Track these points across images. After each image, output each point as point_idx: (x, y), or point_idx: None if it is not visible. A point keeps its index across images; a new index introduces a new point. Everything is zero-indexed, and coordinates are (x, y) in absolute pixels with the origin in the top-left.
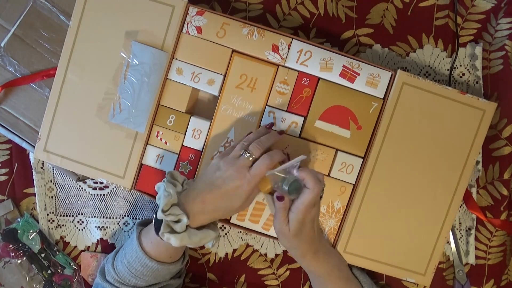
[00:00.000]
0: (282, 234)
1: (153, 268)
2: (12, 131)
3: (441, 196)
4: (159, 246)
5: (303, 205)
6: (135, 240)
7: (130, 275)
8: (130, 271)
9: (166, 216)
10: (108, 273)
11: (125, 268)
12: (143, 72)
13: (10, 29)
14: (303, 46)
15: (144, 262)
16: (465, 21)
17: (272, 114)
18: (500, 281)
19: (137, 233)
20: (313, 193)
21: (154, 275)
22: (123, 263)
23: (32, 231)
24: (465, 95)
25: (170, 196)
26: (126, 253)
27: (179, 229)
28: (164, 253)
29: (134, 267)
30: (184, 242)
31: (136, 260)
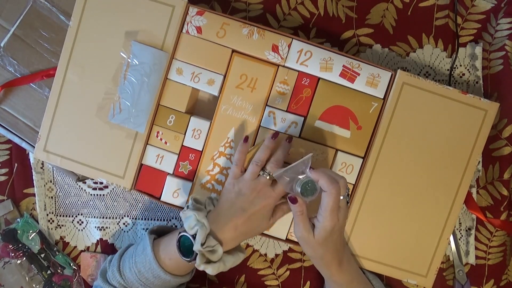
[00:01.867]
0: (305, 242)
1: (166, 280)
2: (12, 131)
3: (443, 197)
4: (178, 263)
5: (327, 211)
6: (149, 251)
7: (139, 283)
8: (140, 280)
9: (204, 249)
10: (113, 277)
11: (135, 276)
12: (143, 72)
13: (10, 29)
14: (303, 46)
15: (158, 274)
16: (465, 21)
17: (272, 114)
18: (500, 281)
19: (150, 243)
20: (332, 195)
21: (165, 285)
22: (132, 270)
23: (32, 231)
24: (466, 95)
25: (205, 228)
26: (137, 262)
27: (215, 258)
28: (180, 269)
29: (145, 276)
30: (220, 270)
31: (149, 271)
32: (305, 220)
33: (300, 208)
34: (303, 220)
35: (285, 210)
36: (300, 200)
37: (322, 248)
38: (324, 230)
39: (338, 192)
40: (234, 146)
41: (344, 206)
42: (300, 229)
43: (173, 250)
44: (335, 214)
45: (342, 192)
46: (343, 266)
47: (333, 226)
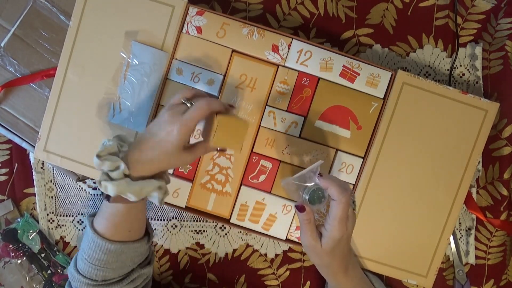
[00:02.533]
0: (312, 250)
1: (117, 251)
2: (12, 131)
3: (443, 197)
4: (113, 220)
5: (336, 220)
6: (88, 228)
7: (95, 269)
8: (93, 264)
9: (102, 162)
10: (73, 278)
11: (87, 263)
12: (143, 72)
13: (10, 29)
14: (303, 46)
15: (105, 247)
16: (465, 21)
17: (272, 114)
18: (500, 281)
19: (89, 222)
20: (341, 204)
21: (120, 259)
22: (83, 259)
23: (32, 231)
24: (466, 95)
25: (109, 145)
26: (83, 248)
27: (116, 176)
28: (121, 227)
29: (96, 257)
30: (122, 189)
31: (96, 249)
32: (312, 229)
33: (308, 216)
34: (311, 229)
35: (207, 148)
36: (307, 208)
37: (329, 256)
38: (332, 240)
39: (348, 202)
40: None
41: (352, 215)
42: (307, 238)
43: (102, 207)
44: (344, 224)
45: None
46: (349, 272)
47: (342, 236)
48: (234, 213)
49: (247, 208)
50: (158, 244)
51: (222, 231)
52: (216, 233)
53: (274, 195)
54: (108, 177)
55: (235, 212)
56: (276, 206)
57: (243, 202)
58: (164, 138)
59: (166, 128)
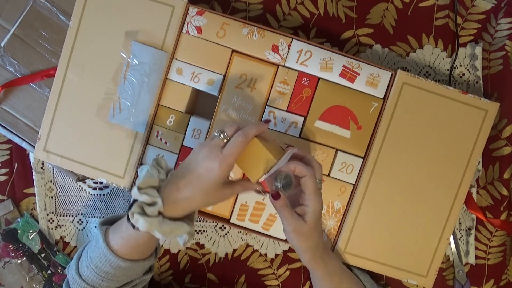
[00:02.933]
0: (299, 232)
1: (126, 268)
2: (12, 131)
3: (443, 197)
4: (130, 241)
5: (312, 193)
6: (101, 241)
7: (100, 279)
8: (100, 276)
9: (141, 194)
10: (73, 281)
11: (94, 273)
12: (143, 72)
13: (10, 29)
14: (303, 46)
15: (115, 263)
16: (465, 21)
17: (272, 114)
18: (500, 281)
19: (102, 233)
20: (311, 177)
21: (128, 274)
22: (90, 268)
23: (32, 231)
24: (466, 95)
25: (152, 177)
26: (92, 257)
27: (151, 212)
28: (136, 250)
29: (104, 270)
30: (153, 228)
31: (105, 263)
32: (291, 212)
33: (284, 201)
34: (290, 212)
35: (246, 186)
36: (282, 194)
37: (316, 232)
38: (315, 212)
39: (314, 175)
40: None
41: (320, 188)
42: (290, 221)
43: (122, 225)
44: (320, 194)
45: (319, 176)
46: (330, 253)
47: (321, 206)
48: (234, 213)
49: (247, 208)
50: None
51: (222, 231)
52: (216, 233)
53: None
54: (141, 209)
55: (235, 212)
56: None
57: (243, 202)
58: (204, 175)
59: (205, 165)
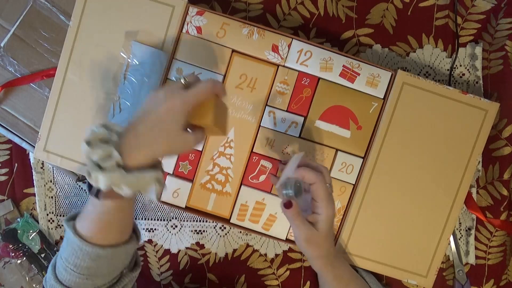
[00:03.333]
0: (311, 241)
1: (107, 256)
2: (12, 131)
3: (443, 197)
4: (101, 220)
5: (324, 200)
6: (71, 235)
7: (83, 279)
8: (81, 274)
9: (93, 150)
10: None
11: (73, 273)
12: (143, 72)
13: (10, 29)
14: (303, 46)
15: (94, 254)
16: (465, 21)
17: (272, 114)
18: (500, 281)
19: (71, 228)
20: (321, 183)
21: (112, 264)
22: (68, 270)
23: (32, 231)
24: (466, 95)
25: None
26: (67, 257)
27: (109, 166)
28: (111, 228)
29: (84, 266)
30: (116, 181)
31: (84, 257)
32: (304, 220)
33: (296, 209)
34: (303, 220)
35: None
36: (294, 202)
37: (327, 241)
38: (327, 220)
39: (324, 181)
40: (234, 146)
41: (331, 192)
42: (302, 230)
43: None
44: (332, 200)
45: (328, 180)
46: (340, 258)
47: (334, 212)
48: (234, 213)
49: (247, 208)
50: (158, 244)
51: (222, 231)
52: (216, 233)
53: (274, 195)
54: (99, 167)
55: (235, 212)
56: (276, 206)
57: (243, 202)
58: (164, 116)
59: (166, 105)
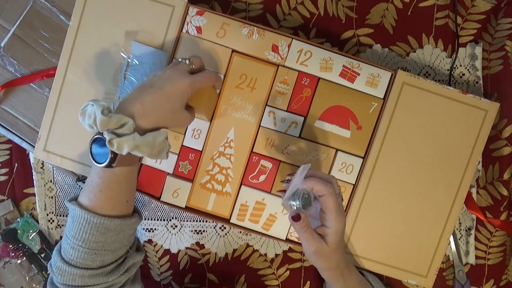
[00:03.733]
0: (320, 254)
1: (116, 229)
2: (12, 131)
3: (443, 197)
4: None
5: (333, 212)
6: (78, 210)
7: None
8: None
9: (109, 119)
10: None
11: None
12: (143, 72)
13: (10, 29)
14: (303, 46)
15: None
16: (465, 21)
17: (272, 114)
18: (500, 281)
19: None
20: (331, 196)
21: (119, 238)
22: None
23: (32, 231)
24: (466, 95)
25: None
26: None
27: (127, 131)
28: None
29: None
30: (138, 143)
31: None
32: (313, 233)
33: (305, 222)
34: (311, 234)
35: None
36: (303, 215)
37: (336, 254)
38: (337, 233)
39: (334, 192)
40: (234, 146)
41: (341, 203)
42: (311, 243)
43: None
44: (342, 213)
45: (338, 190)
46: (350, 268)
47: (344, 225)
48: (234, 213)
49: (247, 208)
50: (158, 244)
51: (222, 231)
52: (216, 233)
53: (274, 195)
54: (115, 135)
55: (235, 212)
56: (276, 206)
57: (243, 202)
58: (171, 92)
59: (174, 83)
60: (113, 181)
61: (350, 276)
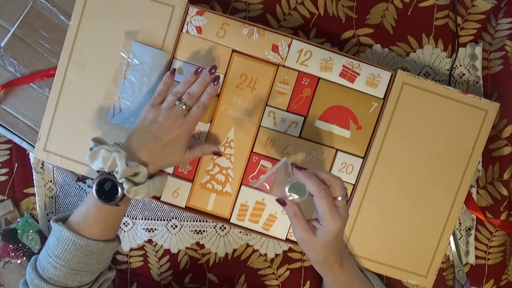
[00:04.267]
0: (307, 243)
1: (98, 251)
2: (12, 131)
3: (443, 197)
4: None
5: (326, 214)
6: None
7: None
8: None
9: (128, 170)
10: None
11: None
12: (143, 72)
13: (10, 29)
14: (303, 46)
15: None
16: (465, 21)
17: (272, 114)
18: (500, 281)
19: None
20: (322, 198)
21: (99, 260)
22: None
23: (32, 231)
24: (466, 95)
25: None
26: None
27: (142, 179)
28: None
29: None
30: (151, 191)
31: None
32: (301, 221)
33: (292, 209)
34: (300, 222)
35: (204, 150)
36: (288, 202)
37: (324, 250)
38: (329, 233)
39: (328, 194)
40: (234, 146)
41: (343, 206)
42: (297, 231)
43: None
44: (336, 215)
45: (340, 193)
46: (344, 266)
47: (339, 228)
48: (234, 213)
49: (247, 208)
50: (158, 244)
51: (222, 231)
52: (216, 233)
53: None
54: (131, 182)
55: (235, 212)
56: (276, 206)
57: (243, 202)
58: (173, 141)
59: (173, 133)
60: (110, 214)
61: (342, 272)
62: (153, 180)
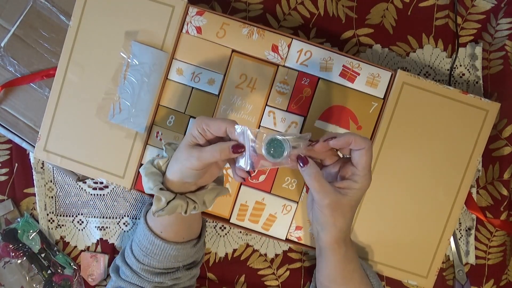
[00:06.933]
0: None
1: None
2: (12, 131)
3: (443, 197)
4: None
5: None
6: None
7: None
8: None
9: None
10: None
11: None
12: (143, 72)
13: (10, 29)
14: (303, 46)
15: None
16: (465, 21)
17: (272, 114)
18: (500, 281)
19: (147, 227)
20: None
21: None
22: (135, 244)
23: (32, 231)
24: (467, 95)
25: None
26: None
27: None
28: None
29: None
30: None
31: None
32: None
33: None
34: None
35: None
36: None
37: (351, 213)
38: (361, 190)
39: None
40: None
41: None
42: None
43: (169, 219)
44: (370, 172)
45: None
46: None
47: (368, 185)
48: (234, 213)
49: (247, 208)
50: None
51: (222, 231)
52: (216, 233)
53: (274, 195)
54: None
55: (235, 212)
56: (276, 206)
57: (243, 202)
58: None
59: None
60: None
61: (351, 246)
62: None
